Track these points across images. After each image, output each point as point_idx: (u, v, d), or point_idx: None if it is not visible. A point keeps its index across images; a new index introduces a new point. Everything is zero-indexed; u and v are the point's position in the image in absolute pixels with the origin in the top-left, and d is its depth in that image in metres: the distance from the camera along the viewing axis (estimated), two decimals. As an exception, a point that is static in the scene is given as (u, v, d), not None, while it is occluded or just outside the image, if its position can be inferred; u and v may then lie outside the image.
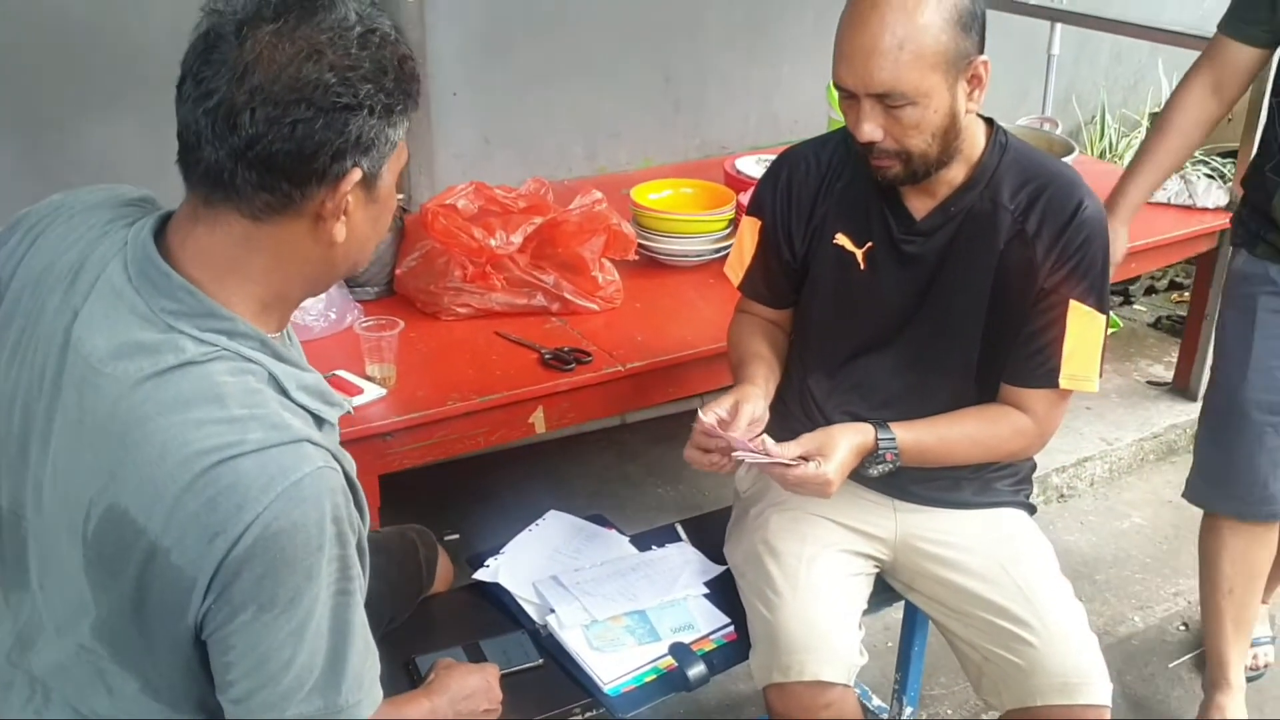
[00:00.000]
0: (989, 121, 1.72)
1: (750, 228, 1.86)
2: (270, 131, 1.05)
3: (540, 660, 1.74)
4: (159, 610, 1.10)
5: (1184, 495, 2.32)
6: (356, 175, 1.11)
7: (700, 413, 1.64)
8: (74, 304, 1.13)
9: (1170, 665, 2.58)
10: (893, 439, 1.67)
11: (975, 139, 1.68)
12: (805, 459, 1.60)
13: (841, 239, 1.76)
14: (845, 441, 1.63)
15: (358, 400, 2.03)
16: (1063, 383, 1.70)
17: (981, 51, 1.59)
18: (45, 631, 1.20)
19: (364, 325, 2.11)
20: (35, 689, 1.22)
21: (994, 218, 1.68)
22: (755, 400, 1.68)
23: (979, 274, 1.70)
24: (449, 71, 3.08)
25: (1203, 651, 2.44)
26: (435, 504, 2.94)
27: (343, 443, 1.99)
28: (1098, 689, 1.65)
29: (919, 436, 1.70)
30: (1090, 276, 1.68)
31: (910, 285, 1.74)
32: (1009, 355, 1.73)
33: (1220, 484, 2.22)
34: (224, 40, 1.06)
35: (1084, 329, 1.68)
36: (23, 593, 1.21)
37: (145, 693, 1.17)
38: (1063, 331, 1.68)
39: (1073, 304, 1.67)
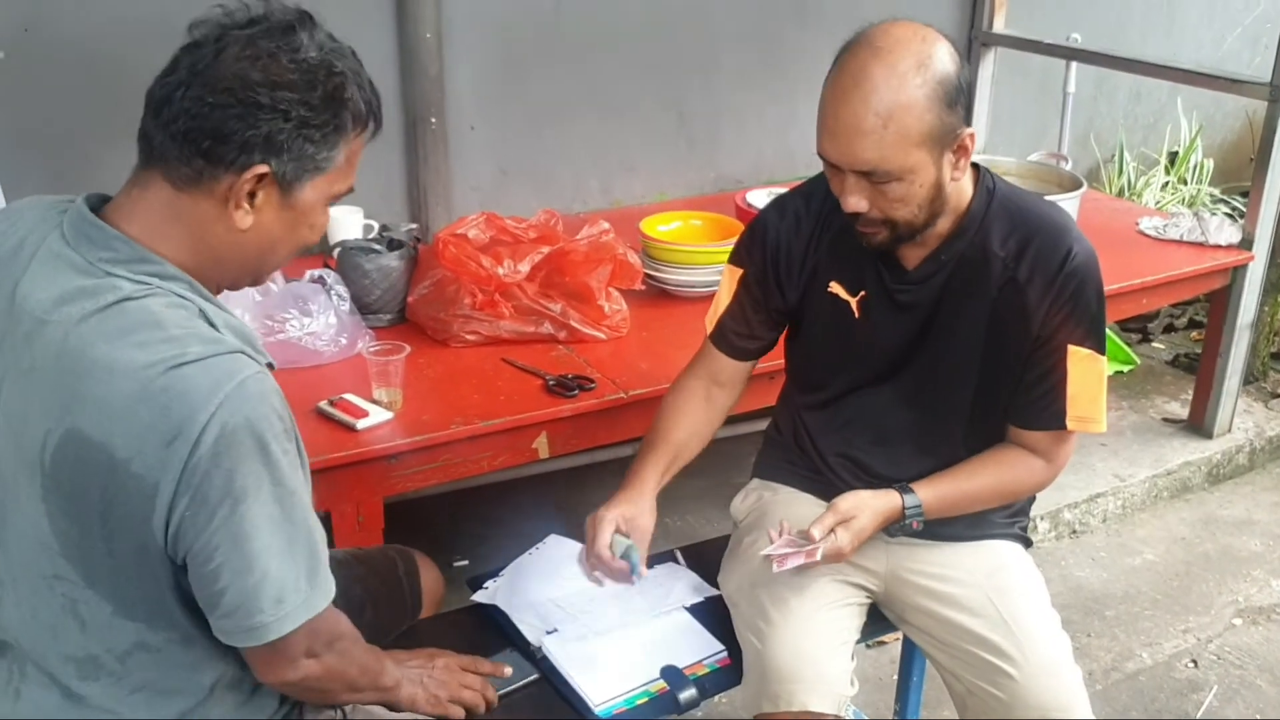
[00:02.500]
0: (975, 166, 1.71)
1: (729, 277, 1.87)
2: (193, 109, 1.18)
3: (536, 675, 1.75)
4: (124, 523, 1.17)
5: None
6: (260, 170, 1.21)
7: (602, 549, 1.79)
8: (15, 275, 1.23)
9: (1198, 715, 2.55)
10: (919, 506, 1.71)
11: (962, 189, 1.67)
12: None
13: (835, 288, 1.77)
14: (870, 511, 1.68)
15: (362, 423, 2.07)
16: (1070, 425, 1.71)
17: (968, 123, 1.58)
18: (6, 588, 1.27)
19: (371, 349, 2.15)
20: (13, 668, 1.28)
21: (985, 265, 1.68)
22: (635, 511, 1.82)
23: (972, 319, 1.71)
24: (466, 106, 3.14)
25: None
26: (446, 532, 2.98)
27: (348, 465, 2.06)
28: (1078, 722, 1.65)
29: (943, 494, 1.73)
30: (1085, 321, 1.68)
31: (905, 331, 1.75)
32: (1014, 400, 1.74)
33: None
34: (207, 41, 1.21)
35: (1085, 372, 1.69)
36: None
37: (119, 614, 1.24)
38: (1064, 376, 1.69)
39: (1071, 349, 1.68)
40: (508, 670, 1.69)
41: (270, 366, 1.31)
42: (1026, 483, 1.79)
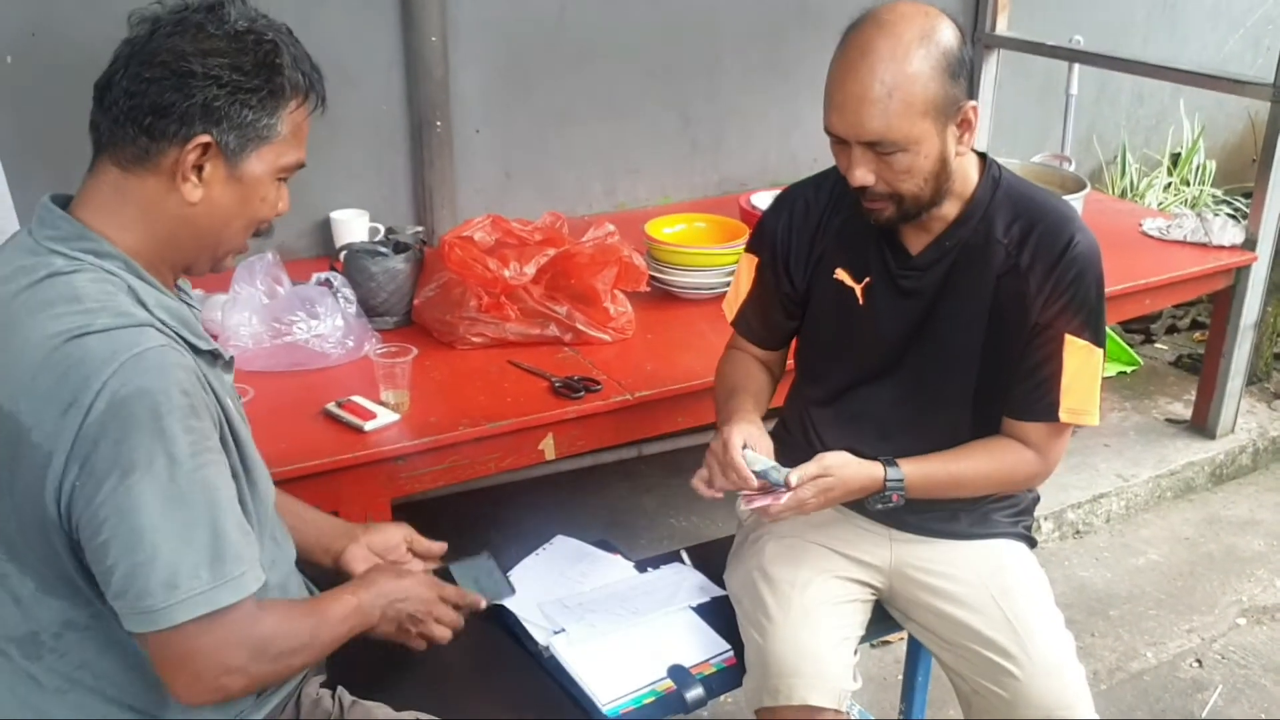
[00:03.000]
0: (982, 156, 1.74)
1: (747, 264, 1.90)
2: (131, 87, 1.23)
3: (514, 592, 1.84)
4: (26, 496, 1.18)
5: None
6: (203, 139, 1.24)
7: (735, 453, 1.65)
8: None
9: (1202, 714, 2.57)
10: (900, 480, 1.68)
11: (968, 175, 1.70)
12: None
13: (841, 274, 1.79)
14: (848, 474, 1.66)
15: (370, 425, 2.08)
16: (1062, 416, 1.71)
17: (971, 96, 1.61)
18: None
19: (379, 352, 2.16)
20: None
21: (987, 251, 1.70)
22: (758, 431, 1.71)
23: (974, 306, 1.73)
24: (472, 109, 3.15)
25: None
26: (454, 533, 2.97)
27: (356, 466, 2.07)
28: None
29: (927, 472, 1.71)
30: (1084, 311, 1.69)
31: (907, 318, 1.76)
32: (1009, 389, 1.75)
33: None
34: (142, 29, 1.27)
35: (1081, 363, 1.70)
36: None
37: (42, 590, 1.24)
38: (1060, 366, 1.69)
39: (1068, 339, 1.69)
40: (483, 603, 1.67)
41: (216, 354, 1.33)
42: (1018, 473, 1.77)
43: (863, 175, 1.59)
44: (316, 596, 1.43)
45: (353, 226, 2.93)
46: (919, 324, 1.76)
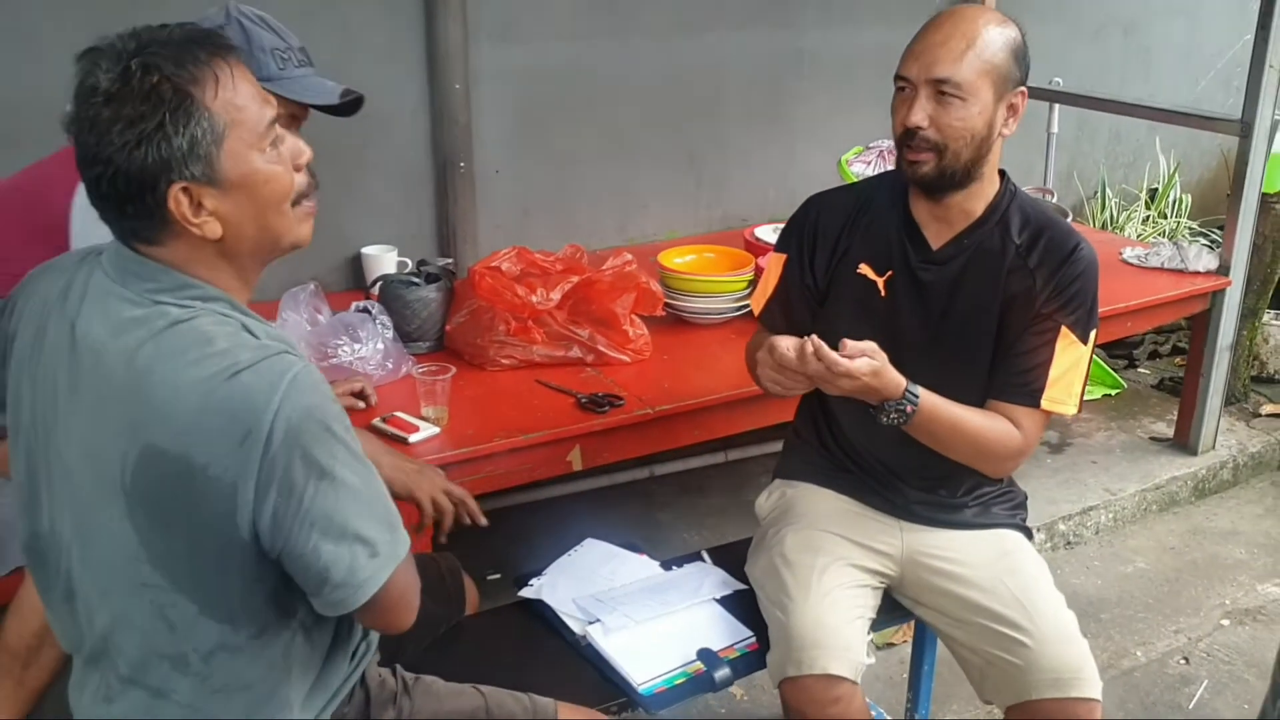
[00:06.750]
0: (1002, 173, 1.94)
1: (775, 263, 2.08)
2: (93, 189, 1.28)
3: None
4: (208, 524, 1.28)
5: None
6: (175, 190, 1.25)
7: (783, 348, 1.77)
8: (69, 315, 1.34)
9: (1189, 706, 2.73)
10: (917, 395, 1.80)
11: (994, 179, 1.91)
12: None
13: (864, 269, 1.97)
14: (886, 364, 1.77)
15: (414, 437, 2.25)
16: (1044, 404, 1.89)
17: (1023, 85, 1.85)
18: (96, 602, 1.38)
19: (420, 370, 2.34)
20: (106, 676, 1.40)
21: (1001, 251, 1.90)
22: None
23: (987, 302, 1.91)
24: (492, 152, 3.36)
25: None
26: (472, 547, 3.12)
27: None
28: (1089, 683, 1.83)
29: (935, 403, 1.83)
30: (1081, 310, 1.89)
31: (925, 312, 1.94)
32: (997, 373, 1.92)
33: None
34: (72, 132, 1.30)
35: (1069, 358, 1.89)
36: (71, 602, 1.40)
37: (204, 614, 1.34)
38: (1051, 356, 1.88)
39: (1064, 330, 1.88)
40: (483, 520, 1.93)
41: None
42: (1004, 445, 1.89)
43: (919, 115, 1.79)
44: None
45: (382, 261, 3.12)
46: (937, 318, 1.93)
